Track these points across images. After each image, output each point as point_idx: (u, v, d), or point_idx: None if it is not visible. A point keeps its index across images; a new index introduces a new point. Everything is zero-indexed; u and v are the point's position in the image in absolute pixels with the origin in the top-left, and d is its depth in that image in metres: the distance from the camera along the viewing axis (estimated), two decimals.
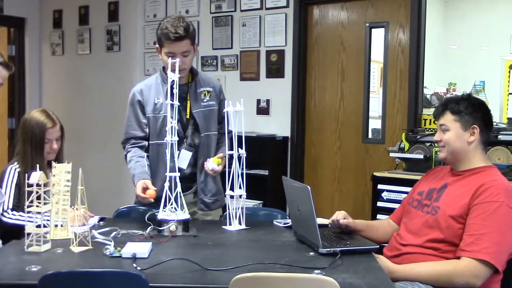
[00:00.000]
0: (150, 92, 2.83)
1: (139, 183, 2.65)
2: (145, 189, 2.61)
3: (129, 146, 2.85)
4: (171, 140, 2.48)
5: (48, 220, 2.30)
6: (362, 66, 4.55)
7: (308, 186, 2.17)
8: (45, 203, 2.23)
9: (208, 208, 2.92)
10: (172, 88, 2.50)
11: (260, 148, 4.44)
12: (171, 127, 2.47)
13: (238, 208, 2.60)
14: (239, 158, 2.61)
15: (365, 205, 4.35)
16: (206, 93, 2.91)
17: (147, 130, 2.84)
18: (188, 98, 2.86)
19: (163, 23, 2.77)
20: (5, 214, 2.54)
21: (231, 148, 2.64)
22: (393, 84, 4.40)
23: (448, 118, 2.38)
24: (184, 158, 2.84)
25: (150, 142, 2.84)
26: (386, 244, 2.49)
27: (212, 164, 2.73)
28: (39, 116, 2.77)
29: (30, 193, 2.18)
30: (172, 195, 2.45)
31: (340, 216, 2.49)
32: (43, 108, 2.92)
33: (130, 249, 2.07)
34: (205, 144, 2.88)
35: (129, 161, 2.81)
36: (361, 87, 4.55)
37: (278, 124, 4.87)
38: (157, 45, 2.82)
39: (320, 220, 2.36)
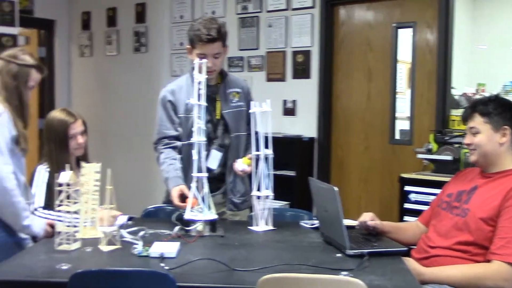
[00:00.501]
0: (181, 93, 2.84)
1: (174, 190, 2.63)
2: (181, 195, 2.60)
3: (162, 147, 2.83)
4: (199, 141, 2.49)
5: (77, 219, 2.33)
6: (389, 67, 4.52)
7: (335, 187, 2.16)
8: (74, 203, 2.26)
9: (237, 208, 2.93)
10: (199, 88, 2.50)
11: (286, 149, 4.43)
12: (199, 127, 2.48)
13: (265, 209, 2.60)
14: (266, 158, 2.62)
15: (392, 207, 4.31)
16: (235, 94, 2.92)
17: (180, 129, 2.84)
18: (218, 99, 2.87)
19: (195, 24, 2.77)
20: (35, 212, 2.58)
21: (257, 149, 2.64)
22: (421, 84, 4.36)
23: (477, 121, 2.34)
24: (214, 159, 2.84)
25: (182, 142, 2.84)
26: (414, 246, 2.47)
27: (242, 165, 2.73)
28: (60, 115, 2.82)
29: (60, 192, 2.21)
30: (199, 195, 2.46)
31: (368, 217, 2.47)
32: (63, 108, 2.97)
33: (158, 248, 2.08)
34: (235, 144, 2.89)
35: (162, 163, 2.79)
36: (388, 88, 4.52)
37: (305, 125, 4.86)
38: (188, 46, 2.83)
39: (348, 222, 2.35)
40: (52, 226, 2.39)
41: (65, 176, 2.22)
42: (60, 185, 2.21)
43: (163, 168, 2.77)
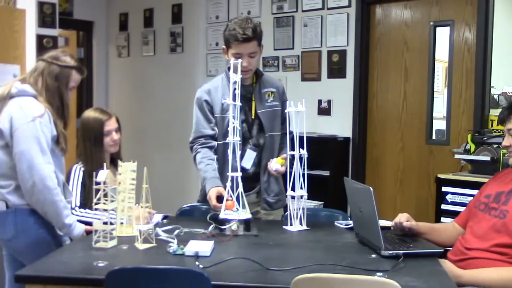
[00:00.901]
0: (217, 92, 2.86)
1: (212, 191, 2.64)
2: (218, 197, 2.61)
3: (199, 146, 2.83)
4: (234, 140, 2.50)
5: (114, 217, 2.37)
6: (426, 66, 4.46)
7: (371, 188, 2.15)
8: (111, 201, 2.30)
9: (270, 208, 2.94)
10: (234, 88, 2.52)
11: (321, 149, 4.42)
12: (234, 127, 2.49)
13: (299, 209, 2.59)
14: (300, 158, 2.61)
15: (428, 208, 4.26)
16: (270, 94, 2.92)
17: (216, 129, 2.85)
18: (253, 99, 2.88)
19: (230, 24, 2.78)
20: (72, 211, 2.63)
21: (292, 149, 2.64)
22: (458, 84, 4.29)
23: None
24: (249, 158, 2.85)
25: (217, 142, 2.86)
26: (451, 248, 2.43)
27: (275, 164, 2.73)
28: (94, 113, 2.89)
29: (97, 190, 2.25)
30: (234, 194, 2.48)
31: (403, 218, 2.44)
32: (96, 107, 3.04)
33: (193, 247, 2.10)
34: (269, 144, 2.90)
35: (199, 163, 2.80)
36: (425, 87, 4.47)
37: (340, 125, 4.83)
38: (223, 46, 2.85)
39: (383, 222, 2.33)
40: (88, 232, 2.44)
41: (102, 174, 2.26)
42: (98, 183, 2.25)
43: (200, 168, 2.79)
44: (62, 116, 2.57)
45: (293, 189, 2.61)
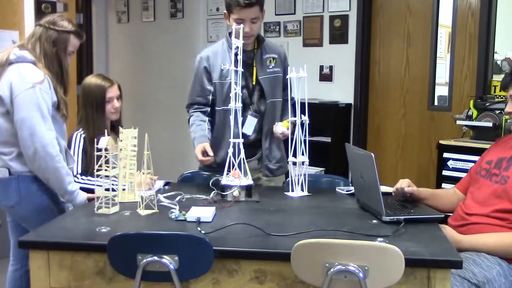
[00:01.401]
0: (217, 58, 2.85)
1: (198, 147, 2.71)
2: (203, 152, 2.66)
3: (192, 110, 2.92)
4: (235, 106, 2.49)
5: (116, 184, 2.37)
6: (429, 31, 4.41)
7: (372, 154, 2.14)
8: (113, 167, 2.30)
9: (272, 174, 2.95)
10: (236, 54, 2.50)
11: (322, 115, 4.41)
12: (235, 93, 2.48)
13: (301, 175, 2.60)
14: (302, 125, 2.61)
15: (429, 174, 4.27)
16: (272, 60, 2.91)
17: (210, 97, 2.87)
18: (254, 65, 2.86)
19: None
20: (74, 178, 2.64)
21: (294, 115, 2.63)
22: (461, 49, 4.25)
23: None
24: (250, 124, 2.85)
25: (217, 108, 2.87)
26: (451, 214, 2.44)
27: (281, 128, 2.73)
28: (96, 80, 2.87)
29: (98, 157, 2.25)
30: (235, 161, 2.48)
31: (404, 184, 2.45)
32: (98, 73, 3.04)
33: (195, 213, 2.11)
34: (271, 110, 2.89)
35: (191, 125, 2.88)
36: (428, 53, 4.43)
37: (341, 91, 4.81)
38: (225, 11, 2.81)
39: (384, 188, 2.33)
40: (90, 200, 2.45)
41: (104, 141, 2.25)
42: (99, 150, 2.25)
43: (191, 129, 2.86)
44: (61, 82, 2.56)
45: (294, 155, 2.61)
